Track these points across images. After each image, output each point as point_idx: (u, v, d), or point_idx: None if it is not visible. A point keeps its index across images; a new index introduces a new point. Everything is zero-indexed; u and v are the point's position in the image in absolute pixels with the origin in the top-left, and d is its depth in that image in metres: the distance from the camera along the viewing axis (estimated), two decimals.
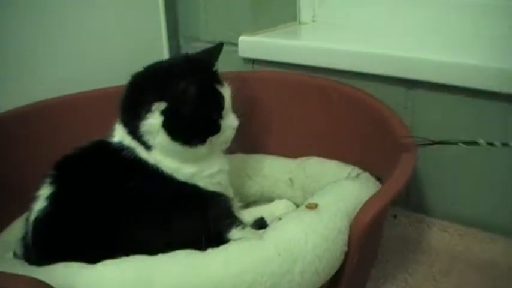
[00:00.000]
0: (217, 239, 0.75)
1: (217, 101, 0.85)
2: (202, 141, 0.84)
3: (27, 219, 0.81)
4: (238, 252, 0.68)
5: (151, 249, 0.70)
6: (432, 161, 1.03)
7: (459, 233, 1.00)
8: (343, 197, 0.76)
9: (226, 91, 0.87)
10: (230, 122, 0.88)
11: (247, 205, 1.00)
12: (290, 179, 1.06)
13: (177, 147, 0.82)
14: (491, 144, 0.79)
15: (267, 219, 0.92)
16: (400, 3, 1.16)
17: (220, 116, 0.86)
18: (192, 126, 0.83)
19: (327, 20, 1.28)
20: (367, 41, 1.11)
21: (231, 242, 0.72)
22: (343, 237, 0.71)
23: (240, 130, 0.90)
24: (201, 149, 0.84)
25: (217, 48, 0.91)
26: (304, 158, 1.08)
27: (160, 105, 0.80)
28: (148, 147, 0.83)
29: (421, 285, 0.88)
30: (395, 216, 1.06)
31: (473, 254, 0.95)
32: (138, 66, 0.86)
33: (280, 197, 1.03)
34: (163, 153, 0.83)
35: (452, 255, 0.95)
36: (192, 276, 0.65)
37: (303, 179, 1.04)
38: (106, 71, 1.11)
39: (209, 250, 0.69)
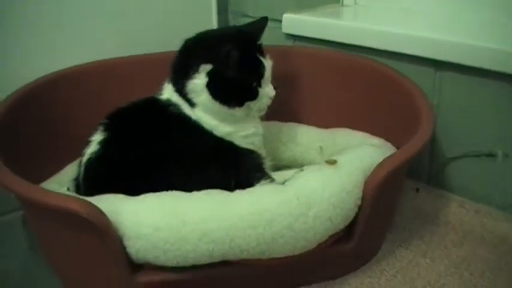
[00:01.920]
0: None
1: (258, 69, 0.93)
2: (240, 104, 0.92)
3: (80, 162, 0.92)
4: (261, 193, 0.76)
5: (187, 190, 0.79)
6: (455, 142, 1.08)
7: (475, 210, 1.05)
8: (361, 157, 0.83)
9: (267, 62, 0.95)
10: (268, 91, 0.95)
11: (279, 169, 1.06)
12: (320, 147, 1.13)
13: (217, 106, 0.90)
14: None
15: None
16: None
17: (259, 84, 0.93)
18: (232, 89, 0.90)
19: (369, 3, 1.33)
20: (401, 22, 1.17)
21: (256, 185, 0.80)
22: (358, 191, 0.78)
23: (277, 100, 0.97)
24: (238, 111, 0.92)
25: (263, 22, 0.98)
26: (335, 129, 1.15)
27: (207, 67, 0.89)
28: (192, 104, 0.92)
29: (433, 252, 0.94)
30: (417, 190, 1.12)
31: (485, 229, 1.00)
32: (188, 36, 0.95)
33: (310, 163, 1.07)
34: (204, 111, 0.92)
35: (466, 229, 1.01)
36: (220, 210, 0.74)
37: (332, 148, 1.10)
38: (156, 42, 1.19)
39: (237, 191, 0.78)
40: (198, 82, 0.90)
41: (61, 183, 0.98)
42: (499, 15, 1.12)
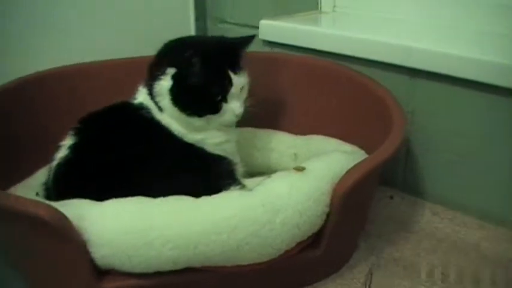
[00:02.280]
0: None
1: (223, 83, 0.90)
2: (199, 115, 0.90)
3: (50, 167, 0.91)
4: (226, 199, 0.76)
5: (155, 196, 0.78)
6: (430, 147, 1.08)
7: (449, 217, 1.06)
8: (330, 164, 0.83)
9: (239, 78, 0.92)
10: (233, 107, 0.92)
11: (253, 175, 1.05)
12: (295, 154, 1.13)
13: (176, 112, 0.90)
14: None
15: None
16: None
17: (225, 99, 0.91)
18: (192, 98, 0.90)
19: (347, 10, 1.33)
20: (378, 30, 1.17)
21: (223, 191, 0.80)
22: (325, 198, 0.78)
23: (251, 107, 0.96)
24: (196, 121, 0.91)
25: (248, 38, 0.95)
26: (309, 136, 1.14)
27: (171, 71, 0.89)
28: (159, 108, 0.91)
29: (406, 260, 0.94)
30: (391, 197, 1.13)
31: (459, 237, 1.01)
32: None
33: (285, 170, 1.09)
34: (171, 117, 0.91)
35: (439, 236, 1.01)
36: (184, 216, 0.73)
37: (306, 154, 1.10)
38: (134, 48, 1.17)
39: (203, 197, 0.77)
40: (164, 84, 0.90)
41: (32, 187, 0.97)
42: (478, 23, 1.12)
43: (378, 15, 1.27)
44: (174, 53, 0.91)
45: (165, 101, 0.90)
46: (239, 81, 0.92)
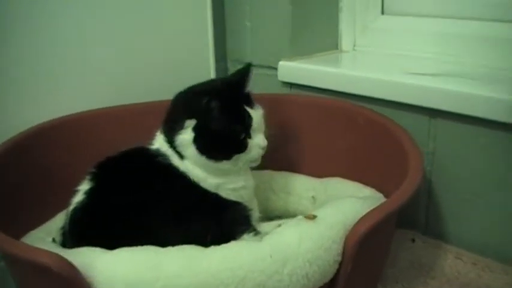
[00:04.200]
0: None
1: (244, 119, 0.91)
2: (228, 157, 0.91)
3: (67, 211, 0.92)
4: (235, 250, 0.75)
5: (166, 244, 0.78)
6: (452, 188, 1.06)
7: (473, 262, 1.02)
8: (343, 210, 0.81)
9: (256, 112, 0.93)
10: (258, 141, 0.93)
11: (271, 219, 1.04)
12: (313, 197, 1.11)
13: (204, 160, 0.90)
14: None
15: None
16: (441, 34, 1.21)
17: (249, 135, 0.92)
18: (218, 142, 0.90)
19: (368, 49, 1.33)
20: (398, 70, 1.15)
21: (232, 241, 0.79)
22: (337, 247, 0.76)
23: (271, 149, 0.95)
24: (226, 165, 0.91)
25: (246, 69, 0.96)
26: (327, 178, 1.13)
27: (191, 123, 0.89)
28: (181, 156, 0.92)
29: None
30: (413, 240, 1.10)
31: (483, 282, 0.97)
32: (185, 85, 0.96)
33: (303, 213, 1.04)
34: (193, 163, 0.91)
35: (462, 282, 0.97)
36: (193, 266, 0.72)
37: (324, 198, 1.09)
38: (154, 88, 1.20)
39: (212, 246, 0.76)
40: (186, 137, 0.90)
41: (50, 232, 0.98)
42: (497, 61, 1.10)
43: (398, 52, 1.27)
44: (189, 104, 0.91)
45: (189, 150, 0.90)
46: (257, 114, 0.93)
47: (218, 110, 0.88)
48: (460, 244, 1.06)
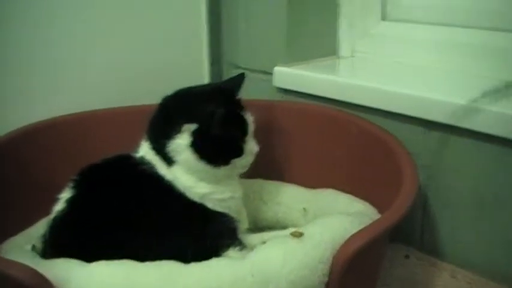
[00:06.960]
0: (214, 257, 0.78)
1: (242, 126, 0.91)
2: (226, 162, 0.89)
3: (48, 219, 0.89)
4: (215, 268, 0.71)
5: (146, 257, 0.75)
6: (448, 203, 1.02)
7: (467, 280, 0.99)
8: (332, 228, 0.77)
9: (249, 118, 0.93)
10: (251, 147, 0.93)
11: (261, 229, 1.03)
12: (304, 209, 1.08)
13: (200, 166, 0.87)
14: None
15: None
16: (441, 43, 1.18)
17: (244, 141, 0.91)
18: (218, 148, 0.88)
19: (366, 55, 1.29)
20: (395, 78, 1.12)
21: (213, 258, 0.75)
22: (324, 267, 0.72)
23: (260, 156, 0.94)
24: (223, 170, 0.89)
25: (240, 78, 0.96)
26: (319, 190, 1.10)
27: (191, 127, 0.86)
28: (170, 163, 0.88)
29: None
30: (407, 256, 1.06)
31: None
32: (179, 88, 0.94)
33: (294, 225, 1.02)
34: (183, 170, 0.88)
35: None
36: (169, 284, 0.69)
37: (315, 210, 1.05)
38: (147, 91, 1.17)
39: (192, 263, 0.73)
40: (181, 142, 0.87)
41: (31, 238, 0.95)
42: (499, 72, 1.07)
43: (397, 59, 1.23)
44: (188, 108, 0.89)
45: (184, 155, 0.87)
46: (251, 119, 0.93)
47: (223, 116, 0.86)
48: (455, 261, 1.03)
